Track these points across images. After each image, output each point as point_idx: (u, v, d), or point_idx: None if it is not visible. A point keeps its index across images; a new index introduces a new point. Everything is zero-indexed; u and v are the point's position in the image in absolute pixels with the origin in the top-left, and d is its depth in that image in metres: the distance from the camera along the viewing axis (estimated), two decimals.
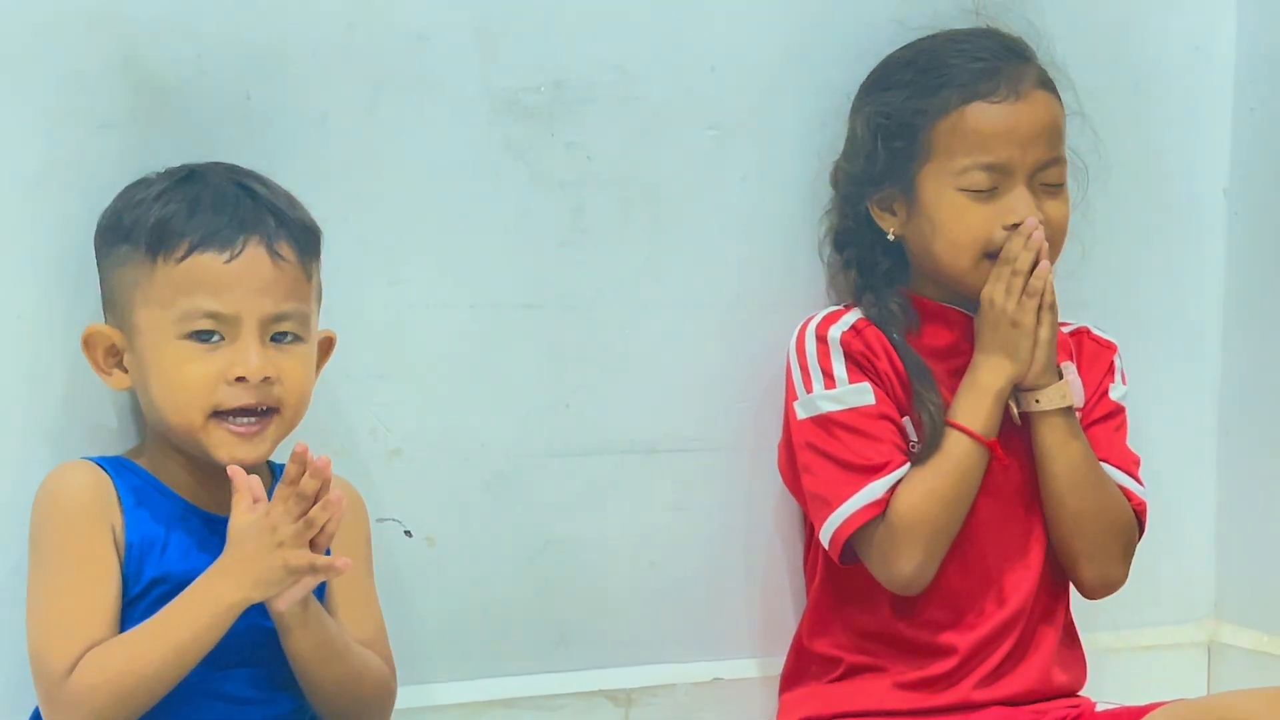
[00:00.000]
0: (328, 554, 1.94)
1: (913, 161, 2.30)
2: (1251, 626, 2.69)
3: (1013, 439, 2.31)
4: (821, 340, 2.31)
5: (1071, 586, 2.37)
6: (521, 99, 2.31)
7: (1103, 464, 2.32)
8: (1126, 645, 2.65)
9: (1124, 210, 2.60)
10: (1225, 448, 2.72)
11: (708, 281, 2.42)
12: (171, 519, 2.03)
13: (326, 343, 2.11)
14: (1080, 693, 2.37)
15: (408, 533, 2.29)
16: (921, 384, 2.29)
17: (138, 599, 1.98)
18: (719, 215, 2.42)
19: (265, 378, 1.99)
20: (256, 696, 2.03)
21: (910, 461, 2.27)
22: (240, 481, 1.94)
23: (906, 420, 2.30)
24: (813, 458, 2.30)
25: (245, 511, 1.93)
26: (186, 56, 2.15)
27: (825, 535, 2.28)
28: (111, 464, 2.04)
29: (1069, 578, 2.36)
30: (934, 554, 2.26)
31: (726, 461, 2.43)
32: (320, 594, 2.02)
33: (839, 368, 2.29)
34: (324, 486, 1.92)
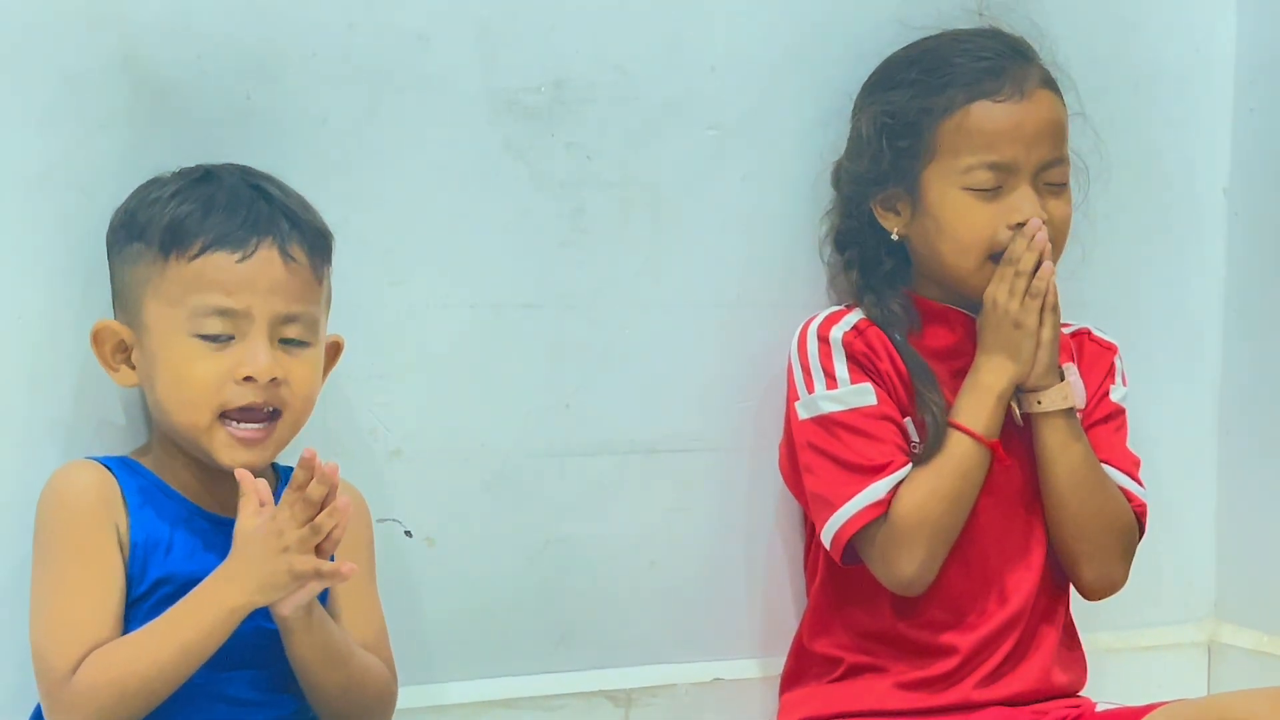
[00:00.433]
0: (332, 559, 1.94)
1: (917, 161, 2.30)
2: (1251, 626, 2.69)
3: (1014, 440, 2.31)
4: (823, 340, 2.30)
5: (1071, 587, 2.37)
6: (521, 99, 2.31)
7: (1103, 465, 2.33)
8: (1127, 645, 2.65)
9: (1124, 210, 2.60)
10: (1225, 448, 2.72)
11: (708, 281, 2.42)
12: (176, 520, 2.02)
13: (334, 348, 2.11)
14: (1080, 693, 2.37)
15: (408, 533, 2.29)
16: (924, 385, 2.29)
17: (141, 599, 1.98)
18: (719, 215, 2.42)
19: (273, 379, 1.99)
20: (258, 698, 2.03)
21: (912, 462, 2.28)
22: (248, 485, 1.94)
23: (908, 421, 2.30)
24: (814, 458, 2.29)
25: (251, 515, 1.93)
26: (186, 56, 2.15)
27: (827, 535, 2.28)
28: (117, 464, 2.04)
29: (1069, 579, 2.36)
30: (935, 554, 2.26)
31: (726, 461, 2.43)
32: (323, 596, 2.02)
33: (841, 368, 2.29)
34: (331, 493, 1.92)
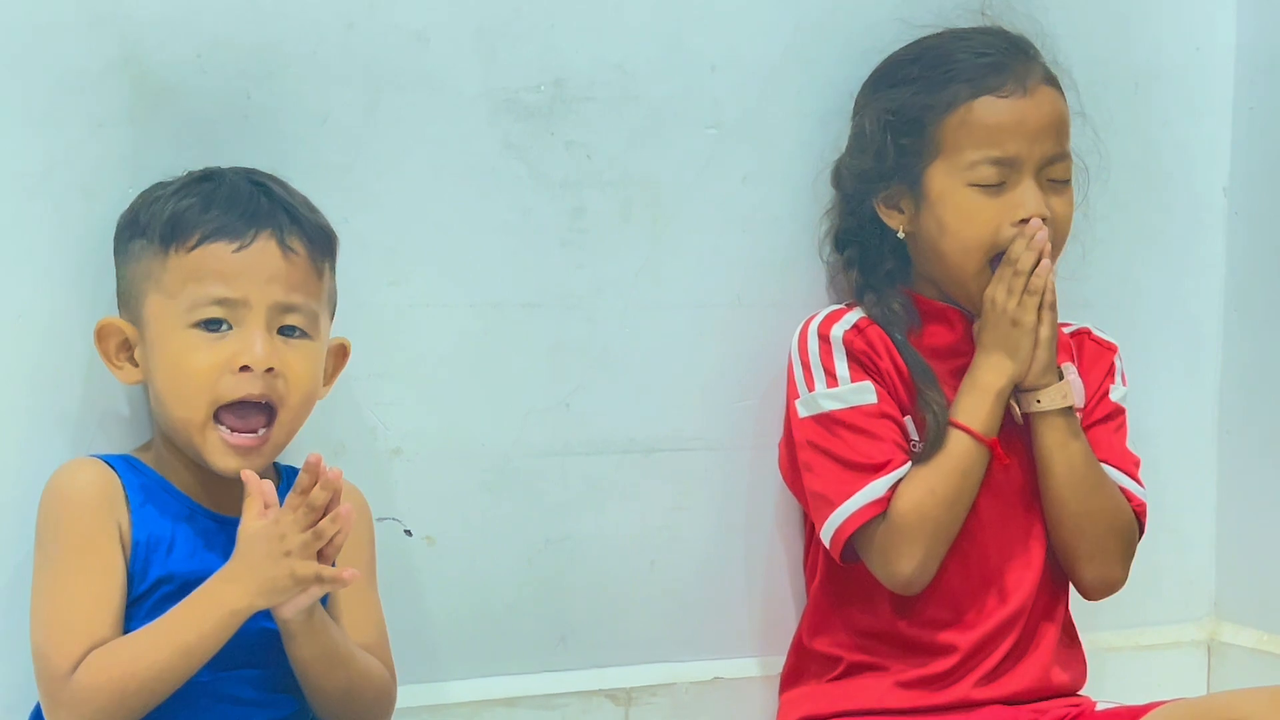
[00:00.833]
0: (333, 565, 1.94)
1: (921, 157, 2.30)
2: (1251, 625, 2.69)
3: (1013, 438, 2.31)
4: (824, 339, 2.31)
5: (1071, 586, 2.37)
6: (521, 98, 2.31)
7: (1103, 465, 2.33)
8: (1127, 644, 2.65)
9: (1124, 210, 2.60)
10: (1225, 448, 2.72)
11: (708, 281, 2.42)
12: (178, 518, 2.02)
13: (340, 350, 2.11)
14: (1080, 692, 2.37)
15: (408, 532, 2.29)
16: (925, 383, 2.29)
17: (142, 598, 1.98)
18: (719, 215, 2.42)
19: (269, 369, 1.98)
20: (258, 698, 2.03)
21: (911, 460, 2.28)
22: (253, 487, 1.93)
23: (907, 419, 2.30)
24: (814, 456, 2.30)
25: (255, 518, 1.92)
26: (186, 56, 2.15)
27: (826, 534, 2.28)
28: (119, 462, 2.04)
29: (1069, 578, 2.36)
30: (935, 553, 2.26)
31: (726, 461, 2.43)
32: (324, 598, 2.01)
33: (841, 366, 2.29)
34: (334, 499, 1.92)
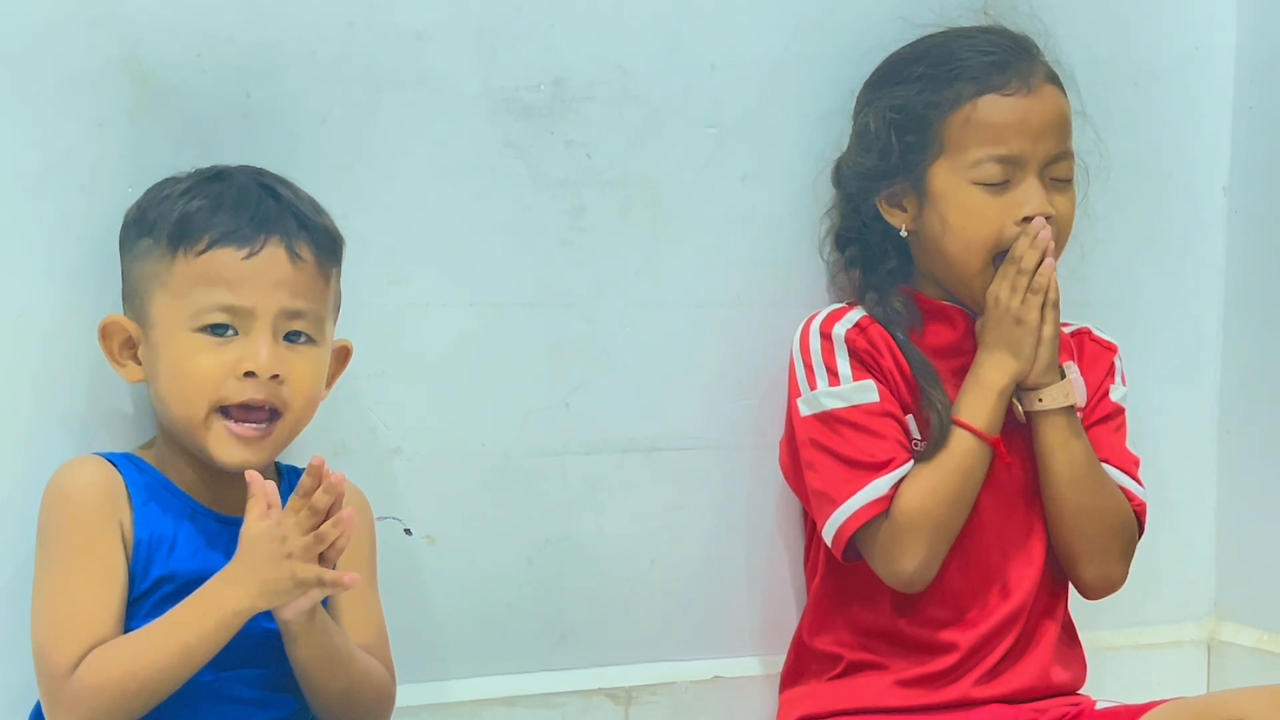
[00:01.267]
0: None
1: (924, 155, 2.30)
2: (1251, 625, 2.69)
3: (1015, 437, 2.31)
4: (826, 337, 2.31)
5: (1070, 586, 2.38)
6: (521, 98, 2.31)
7: (1103, 464, 2.33)
8: (1127, 643, 2.66)
9: (1124, 210, 2.61)
10: (1225, 448, 2.72)
11: (708, 281, 2.42)
12: (180, 517, 2.02)
13: (342, 352, 2.11)
14: (1080, 691, 2.37)
15: (407, 531, 2.29)
16: (927, 382, 2.29)
17: (143, 597, 1.98)
18: (719, 215, 2.42)
19: (274, 375, 1.99)
20: (259, 698, 2.03)
21: (913, 459, 2.28)
22: (257, 487, 1.93)
23: (909, 418, 2.30)
24: (816, 455, 2.30)
25: (258, 519, 1.92)
26: (186, 56, 2.15)
27: (829, 532, 2.28)
28: (122, 460, 2.04)
29: (1069, 577, 2.36)
30: (937, 551, 2.26)
31: (727, 460, 2.43)
32: (325, 599, 2.01)
33: (843, 365, 2.29)
34: (336, 502, 1.91)
